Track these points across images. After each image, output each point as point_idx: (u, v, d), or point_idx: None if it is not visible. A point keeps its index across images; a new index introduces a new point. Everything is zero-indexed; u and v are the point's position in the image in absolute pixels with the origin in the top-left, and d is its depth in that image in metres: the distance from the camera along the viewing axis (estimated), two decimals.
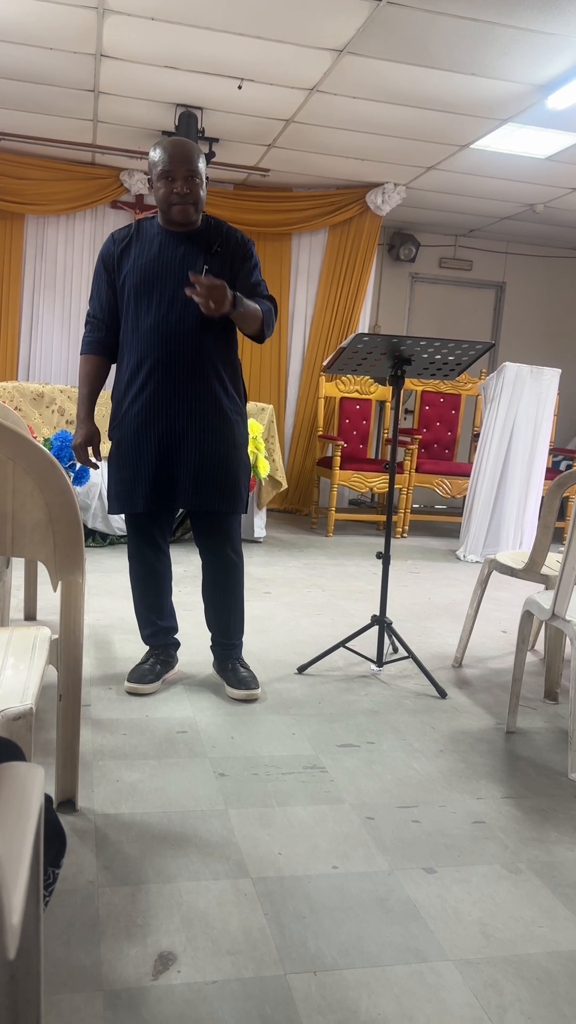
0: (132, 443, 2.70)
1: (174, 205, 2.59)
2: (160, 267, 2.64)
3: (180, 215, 2.61)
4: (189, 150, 2.56)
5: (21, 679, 1.64)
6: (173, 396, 2.66)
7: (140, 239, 2.69)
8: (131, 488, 2.71)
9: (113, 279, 2.71)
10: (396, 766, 2.37)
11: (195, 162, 2.57)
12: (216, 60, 4.35)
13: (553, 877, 1.87)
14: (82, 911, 1.63)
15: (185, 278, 2.57)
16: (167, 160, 2.55)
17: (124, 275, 2.68)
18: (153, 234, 2.69)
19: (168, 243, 2.66)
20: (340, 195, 6.60)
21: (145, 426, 2.68)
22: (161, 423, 2.67)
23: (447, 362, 3.06)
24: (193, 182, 2.57)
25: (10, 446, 1.84)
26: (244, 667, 2.89)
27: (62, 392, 4.98)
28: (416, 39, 3.92)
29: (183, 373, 2.65)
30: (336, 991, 1.47)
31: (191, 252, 2.65)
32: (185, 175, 2.55)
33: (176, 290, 2.62)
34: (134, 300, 2.66)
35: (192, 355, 2.65)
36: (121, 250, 2.70)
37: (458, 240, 7.92)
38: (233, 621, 2.88)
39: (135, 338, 2.67)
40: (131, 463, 2.70)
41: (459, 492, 6.24)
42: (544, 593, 2.64)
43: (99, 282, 2.74)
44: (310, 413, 6.86)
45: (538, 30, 3.75)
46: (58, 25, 4.06)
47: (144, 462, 2.68)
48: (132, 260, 2.67)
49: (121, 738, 2.42)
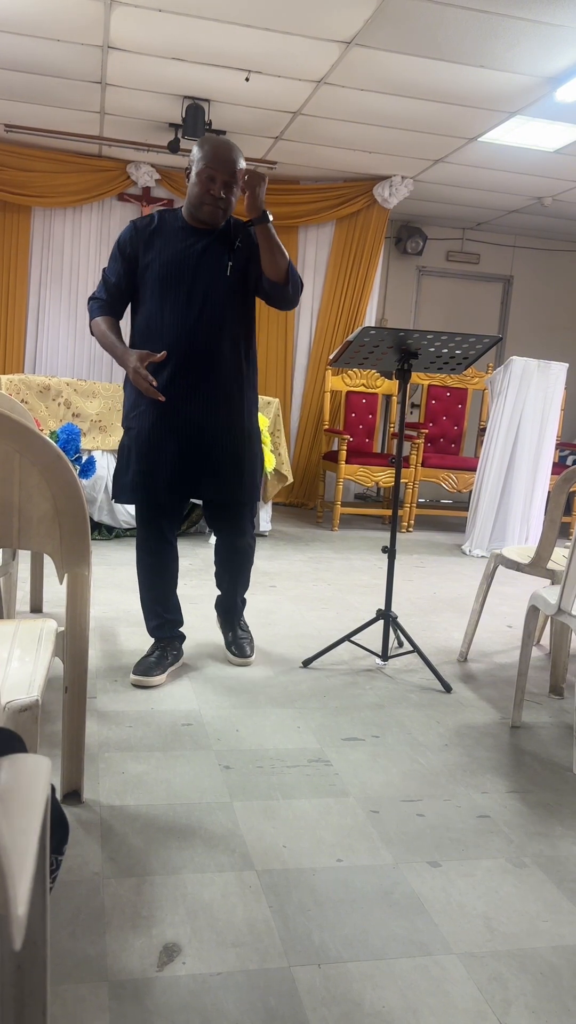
0: (150, 434, 2.72)
1: (206, 205, 2.63)
2: (184, 262, 2.67)
3: (209, 216, 2.65)
4: (235, 157, 2.60)
5: (27, 671, 1.64)
6: (194, 389, 2.70)
7: (163, 231, 2.71)
8: (148, 479, 2.73)
9: (131, 266, 2.72)
10: (401, 760, 2.37)
11: (237, 171, 2.61)
12: (223, 52, 4.33)
13: (558, 872, 1.87)
14: (87, 902, 1.64)
15: (208, 274, 2.65)
16: (213, 161, 2.58)
17: (145, 265, 2.70)
18: (176, 227, 2.71)
19: (192, 238, 2.69)
20: (347, 188, 6.58)
21: (164, 418, 2.71)
22: (181, 415, 2.70)
23: (454, 356, 3.05)
24: (231, 189, 2.62)
25: (17, 439, 1.84)
26: (244, 630, 3.13)
27: (68, 385, 4.98)
28: (424, 31, 3.90)
29: (204, 367, 2.69)
30: (340, 983, 1.47)
31: (214, 248, 2.69)
32: (225, 180, 2.60)
33: (199, 285, 2.66)
34: (157, 292, 2.68)
35: (213, 349, 2.69)
36: (143, 239, 2.71)
37: (465, 233, 7.90)
38: (240, 584, 3.09)
39: (155, 330, 2.69)
40: (149, 454, 2.72)
41: (465, 487, 6.23)
42: (550, 588, 2.64)
43: (115, 266, 2.74)
44: (316, 407, 6.85)
45: (547, 22, 3.72)
46: (65, 16, 4.04)
47: (163, 453, 2.71)
48: (156, 251, 2.69)
49: (127, 730, 2.43)
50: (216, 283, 2.68)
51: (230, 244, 2.71)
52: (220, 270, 2.68)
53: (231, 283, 2.70)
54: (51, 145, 6.14)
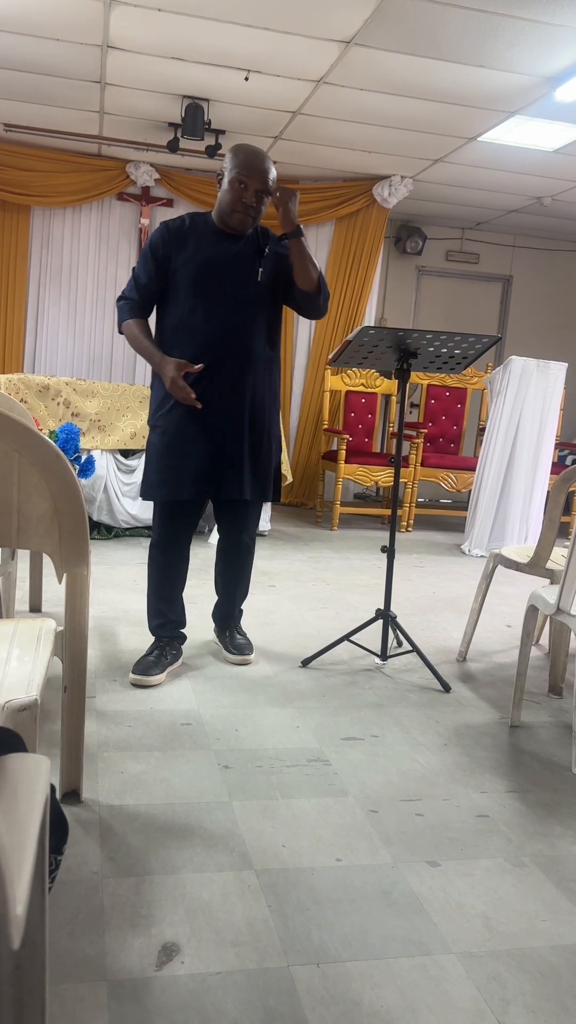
0: (177, 433, 2.78)
1: (237, 212, 2.71)
2: (217, 265, 2.74)
3: (239, 223, 2.73)
4: (267, 166, 2.69)
5: (26, 670, 1.64)
6: (223, 389, 2.77)
7: (196, 234, 2.77)
8: (176, 475, 2.79)
9: (163, 267, 2.77)
10: (400, 759, 2.37)
11: (269, 180, 2.69)
12: (223, 52, 4.33)
13: (557, 871, 1.87)
14: (87, 902, 1.64)
15: (240, 278, 2.74)
16: (245, 169, 2.67)
17: (178, 267, 2.75)
18: (208, 231, 2.78)
19: (224, 243, 2.77)
20: (347, 187, 6.58)
21: (192, 417, 2.76)
22: (209, 415, 2.77)
23: (453, 356, 3.05)
24: (261, 199, 2.71)
25: (16, 438, 1.84)
26: (241, 634, 3.13)
27: (67, 384, 4.98)
28: (424, 30, 3.90)
29: (233, 369, 2.77)
30: (339, 983, 1.47)
31: (245, 253, 2.78)
32: (258, 189, 2.68)
33: (231, 289, 2.74)
34: (190, 294, 2.74)
35: (243, 352, 2.77)
36: (176, 241, 2.76)
37: (465, 233, 7.90)
38: (239, 591, 3.13)
39: (186, 331, 2.75)
40: (177, 452, 2.78)
41: (464, 486, 6.23)
42: (549, 588, 2.64)
43: (146, 266, 2.79)
44: (315, 406, 6.85)
45: (547, 21, 3.72)
46: (65, 16, 4.04)
47: (190, 452, 2.78)
48: (189, 254, 2.75)
49: (126, 730, 2.43)
50: (247, 287, 2.76)
51: (260, 250, 2.79)
52: (251, 275, 2.76)
53: (261, 288, 2.79)
54: (50, 144, 6.14)
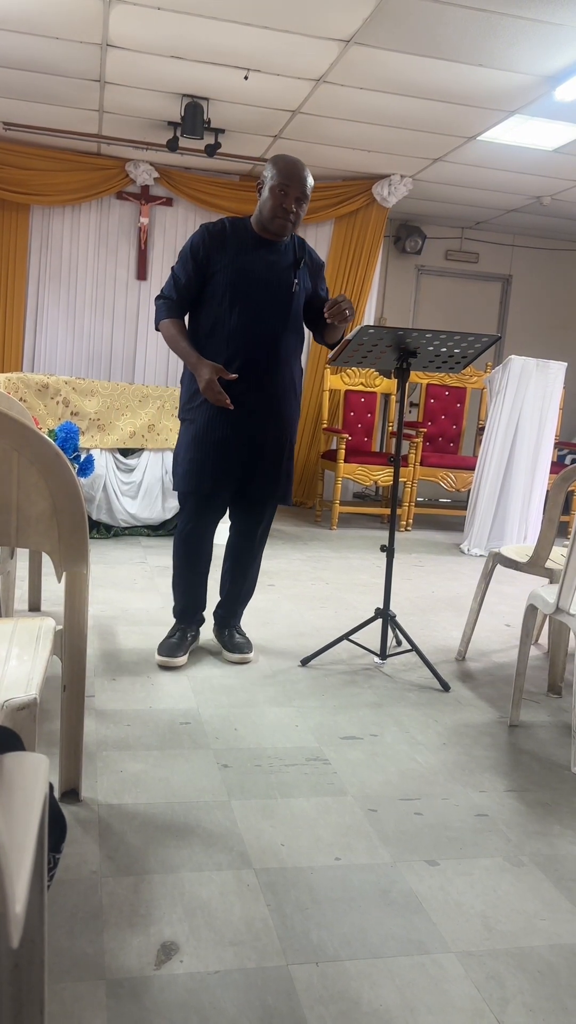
0: (207, 427, 2.86)
1: (278, 218, 2.80)
2: (257, 271, 2.84)
3: (279, 228, 2.82)
4: (306, 175, 2.82)
5: (25, 669, 1.64)
6: (254, 390, 2.85)
7: (235, 238, 2.85)
8: (198, 468, 2.88)
9: (203, 269, 2.84)
10: (399, 758, 2.37)
11: (307, 188, 2.82)
12: (223, 50, 4.33)
13: (556, 870, 1.87)
14: (85, 901, 1.64)
15: (276, 285, 2.84)
16: (287, 177, 2.78)
17: (217, 270, 2.82)
18: (248, 236, 2.87)
19: (263, 249, 2.86)
20: (346, 187, 6.58)
21: (223, 412, 2.84)
22: (239, 413, 2.84)
23: (452, 355, 3.05)
24: (301, 205, 2.82)
25: (15, 437, 1.84)
26: (240, 634, 3.15)
27: (67, 383, 4.98)
28: (423, 29, 3.90)
29: (264, 372, 2.86)
30: (338, 982, 1.47)
31: (283, 262, 2.89)
32: (297, 196, 2.79)
33: (267, 294, 2.84)
34: (228, 297, 2.81)
35: (273, 356, 2.87)
36: (217, 244, 2.84)
37: (464, 232, 7.89)
38: (244, 591, 3.18)
39: (221, 333, 2.83)
40: (204, 445, 2.86)
41: (464, 486, 6.23)
42: (548, 587, 2.64)
43: (186, 267, 2.86)
44: (315, 406, 6.84)
45: (546, 20, 3.72)
46: (64, 14, 4.04)
47: (218, 446, 2.86)
48: (230, 257, 2.82)
49: (125, 729, 2.43)
50: (282, 295, 2.86)
51: (297, 262, 2.89)
52: (287, 283, 2.87)
53: (295, 297, 2.88)
54: (50, 143, 6.14)
